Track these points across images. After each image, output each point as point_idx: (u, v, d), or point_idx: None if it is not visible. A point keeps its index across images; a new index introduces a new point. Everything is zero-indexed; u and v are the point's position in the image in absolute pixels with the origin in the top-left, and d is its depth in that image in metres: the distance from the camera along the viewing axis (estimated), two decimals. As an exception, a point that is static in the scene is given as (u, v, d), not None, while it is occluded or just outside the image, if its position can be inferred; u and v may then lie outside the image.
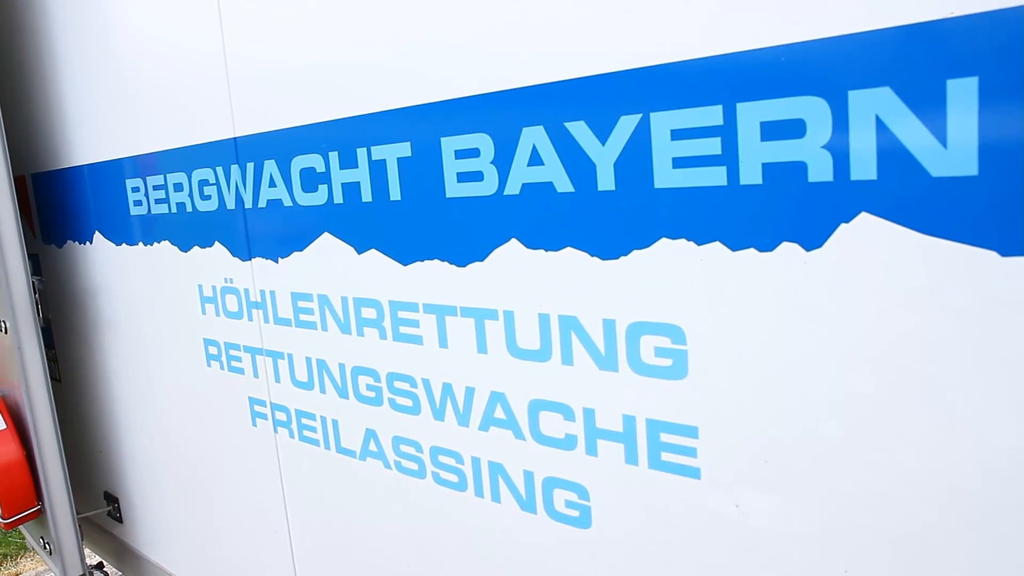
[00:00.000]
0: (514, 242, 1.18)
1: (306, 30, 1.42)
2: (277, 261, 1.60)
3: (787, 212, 0.91)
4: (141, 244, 2.03)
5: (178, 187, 1.82)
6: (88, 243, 2.28)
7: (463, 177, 1.22)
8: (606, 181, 1.06)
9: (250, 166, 1.60)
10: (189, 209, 1.81)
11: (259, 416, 1.77)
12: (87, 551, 2.64)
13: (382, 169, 1.33)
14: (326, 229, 1.47)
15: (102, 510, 2.64)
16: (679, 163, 0.98)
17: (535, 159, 1.13)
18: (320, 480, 1.65)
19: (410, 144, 1.28)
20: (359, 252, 1.41)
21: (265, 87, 1.54)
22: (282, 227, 1.57)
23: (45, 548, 2.55)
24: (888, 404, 0.88)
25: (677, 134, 0.97)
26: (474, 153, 1.20)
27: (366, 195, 1.37)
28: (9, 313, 2.24)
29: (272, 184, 1.56)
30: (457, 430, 1.32)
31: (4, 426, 2.38)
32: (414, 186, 1.30)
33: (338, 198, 1.42)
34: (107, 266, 2.22)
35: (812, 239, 0.90)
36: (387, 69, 1.30)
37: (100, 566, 3.75)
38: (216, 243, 1.76)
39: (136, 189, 1.98)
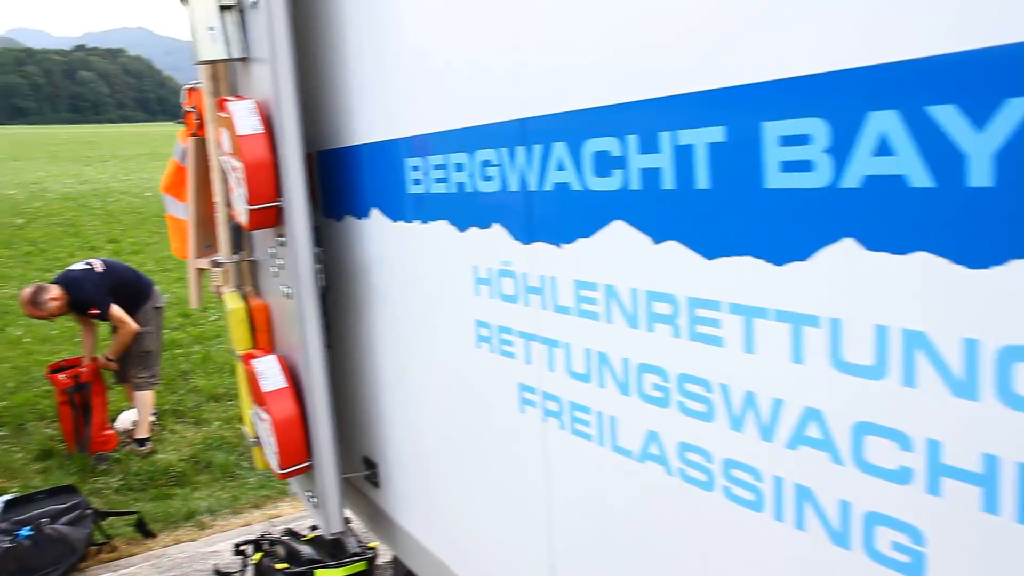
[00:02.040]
0: (848, 241, 1.04)
1: (602, 4, 1.35)
2: (560, 246, 1.55)
3: None
4: (418, 222, 2.07)
5: (459, 167, 1.83)
6: (365, 218, 2.38)
7: (788, 166, 1.10)
8: (981, 176, 0.89)
9: (537, 148, 1.56)
10: (469, 189, 1.81)
11: (528, 403, 1.74)
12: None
13: (688, 155, 1.23)
14: (618, 216, 1.39)
15: (361, 474, 2.78)
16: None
17: (883, 148, 0.98)
18: (590, 477, 1.59)
19: (724, 129, 1.17)
20: (655, 242, 1.32)
21: (556, 66, 1.49)
22: (568, 212, 1.51)
23: (311, 501, 2.73)
24: None
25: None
26: (804, 140, 1.07)
27: (667, 182, 1.28)
28: (295, 281, 2.40)
29: (560, 167, 1.51)
30: (758, 444, 1.20)
31: (285, 384, 2.55)
32: (726, 174, 1.18)
33: (634, 184, 1.34)
34: (382, 241, 2.31)
35: None
36: (697, 46, 1.20)
37: (347, 520, 4.00)
38: (495, 225, 1.74)
39: (416, 168, 2.03)
